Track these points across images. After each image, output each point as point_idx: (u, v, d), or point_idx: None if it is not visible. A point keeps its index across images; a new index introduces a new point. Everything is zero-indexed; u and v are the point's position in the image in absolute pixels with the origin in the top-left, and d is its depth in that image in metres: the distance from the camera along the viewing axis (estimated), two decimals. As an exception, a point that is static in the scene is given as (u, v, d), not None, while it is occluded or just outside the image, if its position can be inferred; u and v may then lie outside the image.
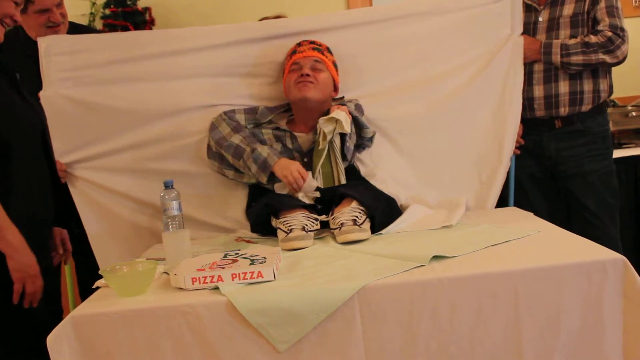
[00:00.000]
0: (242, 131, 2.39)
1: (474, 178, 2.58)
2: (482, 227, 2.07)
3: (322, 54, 2.41)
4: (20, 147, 1.94)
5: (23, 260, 1.85)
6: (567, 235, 1.88)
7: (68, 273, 2.60)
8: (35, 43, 2.49)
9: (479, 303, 1.56)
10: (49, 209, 2.10)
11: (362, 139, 2.45)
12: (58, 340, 1.53)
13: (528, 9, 2.66)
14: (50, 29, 2.53)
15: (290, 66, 2.39)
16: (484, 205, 2.56)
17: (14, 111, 1.96)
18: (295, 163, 2.28)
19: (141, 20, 3.69)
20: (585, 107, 2.62)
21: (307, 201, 2.22)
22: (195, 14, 3.89)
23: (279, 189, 2.32)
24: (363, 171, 2.48)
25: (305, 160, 2.40)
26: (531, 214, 2.28)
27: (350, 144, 2.39)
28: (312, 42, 2.44)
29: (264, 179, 2.30)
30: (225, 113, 2.47)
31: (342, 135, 2.35)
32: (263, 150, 2.30)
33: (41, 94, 2.46)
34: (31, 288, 1.87)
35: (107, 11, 3.71)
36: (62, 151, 2.49)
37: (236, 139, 2.35)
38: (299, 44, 2.45)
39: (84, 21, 3.74)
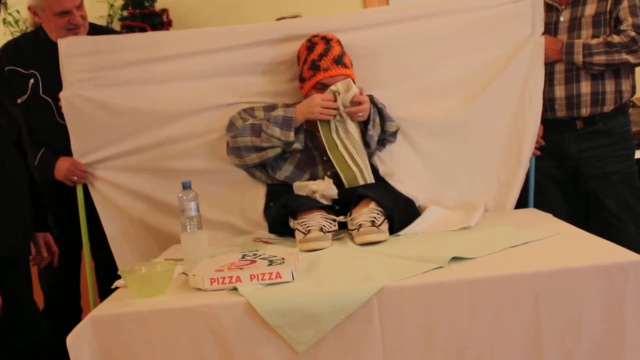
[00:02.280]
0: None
1: (492, 179, 2.56)
2: (501, 228, 2.05)
3: (345, 66, 2.37)
4: None
5: None
6: (587, 237, 1.86)
7: (89, 273, 2.62)
8: (55, 44, 2.51)
9: (499, 305, 1.54)
10: (26, 214, 2.10)
11: (385, 133, 2.44)
12: (78, 340, 1.54)
13: (549, 8, 2.64)
14: (71, 31, 2.55)
15: (315, 84, 2.36)
16: (503, 207, 2.54)
17: None
18: (312, 98, 2.31)
19: (159, 22, 3.71)
20: (607, 107, 2.59)
21: (325, 202, 2.22)
22: (212, 15, 3.91)
23: (297, 189, 2.31)
24: (382, 170, 2.47)
25: (324, 159, 2.40)
26: (550, 216, 2.27)
27: (374, 133, 2.37)
28: (324, 38, 2.42)
29: (290, 136, 2.30)
30: (244, 110, 2.48)
31: (364, 125, 2.35)
32: (278, 112, 2.33)
33: (61, 94, 2.48)
34: None
35: (125, 13, 3.73)
36: (81, 152, 2.52)
37: (249, 122, 2.37)
38: (312, 43, 2.41)
39: (102, 23, 3.76)
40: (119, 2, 3.79)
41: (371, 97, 2.41)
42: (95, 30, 2.71)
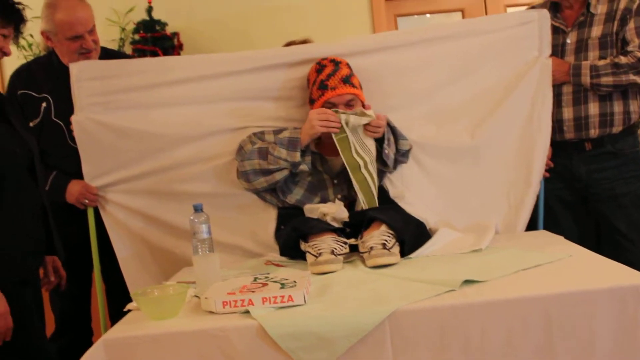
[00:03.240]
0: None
1: (502, 202, 2.56)
2: (512, 251, 2.05)
3: (353, 86, 2.39)
4: (9, 178, 1.97)
5: None
6: (599, 259, 1.85)
7: (99, 296, 2.62)
8: (67, 68, 2.53)
9: (511, 328, 1.54)
10: (39, 237, 2.12)
11: (399, 152, 2.45)
12: (91, 363, 1.55)
13: (556, 31, 2.65)
14: (83, 55, 2.58)
15: (323, 103, 2.37)
16: (513, 229, 2.54)
17: (2, 143, 1.99)
18: (312, 113, 2.33)
19: (170, 45, 3.76)
20: (616, 128, 2.59)
21: (336, 225, 2.23)
22: (221, 38, 3.95)
23: (308, 212, 2.32)
24: (392, 192, 2.48)
25: (335, 182, 2.41)
26: (561, 238, 2.26)
27: (390, 151, 2.38)
28: (332, 61, 2.45)
29: (297, 157, 2.31)
30: (254, 134, 2.49)
31: (379, 143, 2.37)
32: (284, 133, 2.36)
33: (72, 118, 2.50)
34: None
35: (137, 36, 3.78)
36: (92, 175, 2.53)
37: (257, 145, 2.39)
38: (321, 66, 2.43)
39: (113, 46, 3.82)
40: (130, 26, 3.84)
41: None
42: (106, 54, 2.74)
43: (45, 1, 2.59)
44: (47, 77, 2.65)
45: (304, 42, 2.83)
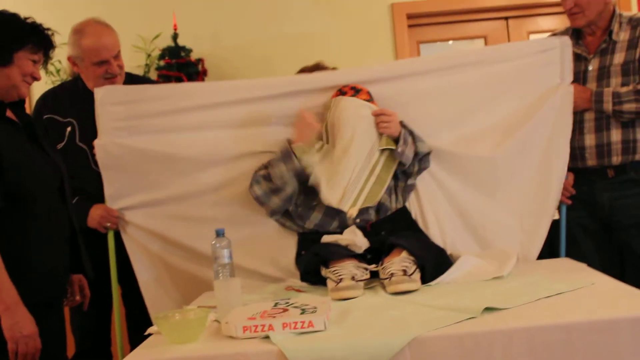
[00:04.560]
0: None
1: (516, 227, 2.55)
2: (534, 278, 2.04)
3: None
4: (41, 200, 2.01)
5: (16, 320, 1.86)
6: (622, 288, 1.84)
7: (117, 320, 2.64)
8: (93, 93, 2.58)
9: (533, 356, 1.53)
10: (66, 258, 2.15)
11: (418, 155, 2.46)
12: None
13: (577, 58, 2.65)
14: (108, 80, 2.63)
15: None
16: (527, 256, 2.52)
17: (34, 166, 2.03)
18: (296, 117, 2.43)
19: (194, 71, 3.80)
20: (639, 155, 2.58)
21: (356, 250, 2.23)
22: (245, 65, 4.00)
23: (326, 239, 2.33)
24: (413, 215, 2.50)
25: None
26: (584, 265, 2.24)
27: (405, 149, 2.40)
28: (353, 88, 2.47)
29: (296, 164, 2.37)
30: (266, 163, 2.51)
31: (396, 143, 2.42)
32: (276, 153, 2.43)
33: (96, 142, 2.55)
34: (24, 349, 1.87)
35: (162, 62, 3.83)
36: (114, 197, 2.56)
37: (260, 172, 2.47)
38: (342, 92, 2.47)
39: (139, 72, 3.88)
40: (156, 52, 3.90)
41: (402, 122, 2.46)
42: (131, 79, 2.79)
43: (72, 27, 2.65)
44: (73, 102, 2.70)
45: (316, 66, 2.85)
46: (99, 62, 2.61)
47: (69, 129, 2.65)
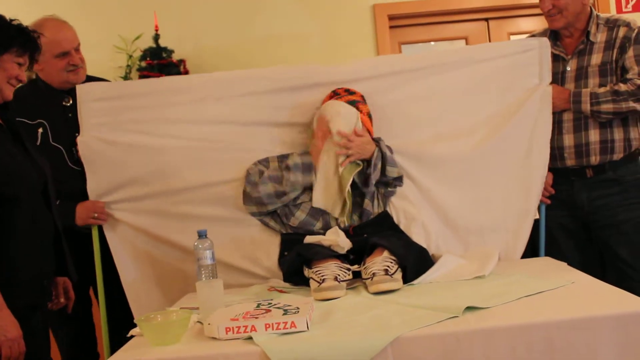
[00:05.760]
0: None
1: (500, 227, 2.57)
2: (515, 277, 2.06)
3: (363, 114, 2.44)
4: (26, 203, 1.99)
5: (0, 323, 1.84)
6: (602, 286, 1.86)
7: (103, 320, 2.62)
8: (56, 91, 2.58)
9: (514, 355, 1.54)
10: (51, 261, 2.14)
11: (386, 177, 2.46)
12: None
13: (556, 58, 2.68)
14: (71, 72, 2.62)
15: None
16: (511, 255, 2.54)
17: (19, 169, 2.01)
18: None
19: (176, 72, 3.78)
20: (617, 155, 2.61)
21: (339, 251, 2.23)
22: (228, 67, 3.96)
23: (309, 239, 2.33)
24: (396, 219, 2.50)
25: None
26: (564, 264, 2.27)
27: (373, 175, 2.40)
28: (347, 91, 2.48)
29: (312, 178, 2.41)
30: (259, 161, 2.52)
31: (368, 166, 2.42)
32: (293, 158, 2.47)
33: (78, 139, 2.54)
34: (7, 352, 1.85)
35: (144, 63, 3.81)
36: (98, 192, 2.56)
37: (266, 173, 2.46)
38: (336, 94, 2.48)
39: (120, 73, 3.87)
40: (137, 53, 3.89)
41: (378, 140, 2.46)
42: (90, 80, 2.74)
43: (31, 24, 2.61)
44: (37, 103, 2.65)
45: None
46: (61, 53, 2.59)
47: (40, 130, 2.61)
